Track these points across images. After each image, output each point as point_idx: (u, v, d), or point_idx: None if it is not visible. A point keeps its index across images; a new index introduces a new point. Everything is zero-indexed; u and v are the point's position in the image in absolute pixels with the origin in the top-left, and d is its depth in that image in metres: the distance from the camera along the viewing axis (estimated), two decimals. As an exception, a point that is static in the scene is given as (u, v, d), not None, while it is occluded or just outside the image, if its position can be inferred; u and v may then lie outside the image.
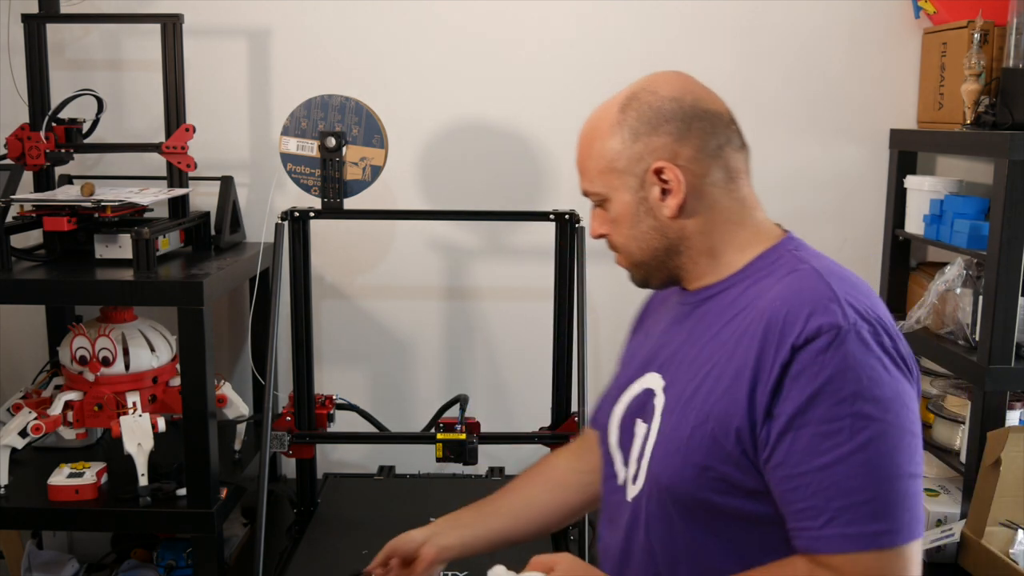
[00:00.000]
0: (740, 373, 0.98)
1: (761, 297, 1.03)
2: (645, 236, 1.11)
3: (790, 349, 0.95)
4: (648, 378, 1.14)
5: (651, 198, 1.08)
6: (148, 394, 1.92)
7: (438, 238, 2.35)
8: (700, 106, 1.08)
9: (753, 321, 1.00)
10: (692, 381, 1.05)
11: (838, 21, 2.26)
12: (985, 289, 1.86)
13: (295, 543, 1.91)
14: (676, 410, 1.05)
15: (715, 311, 1.08)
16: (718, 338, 1.05)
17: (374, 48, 2.28)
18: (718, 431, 0.99)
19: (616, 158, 1.09)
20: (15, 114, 2.16)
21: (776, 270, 1.05)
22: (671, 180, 1.06)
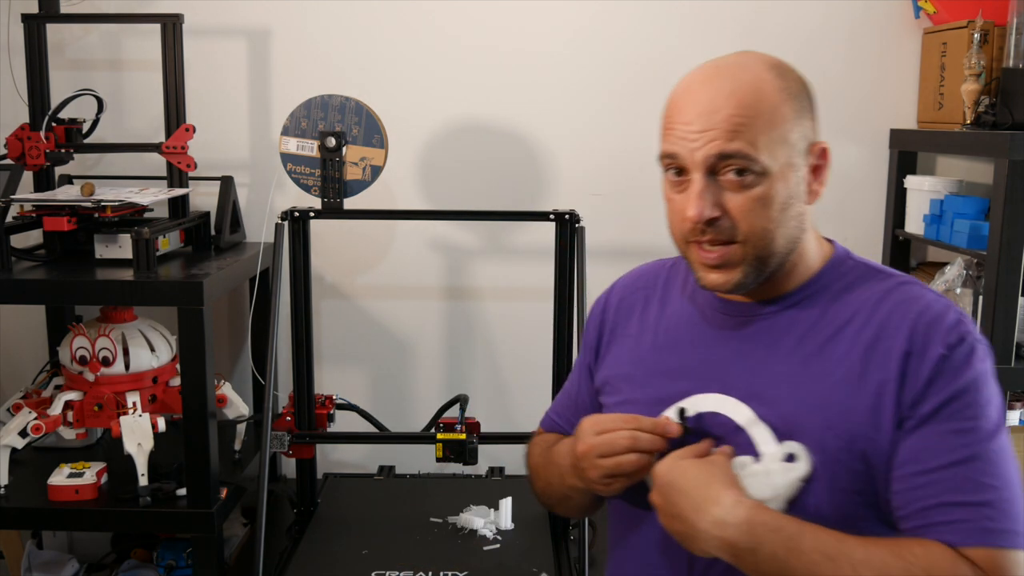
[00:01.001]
0: (883, 390, 0.95)
1: (865, 309, 0.99)
2: (791, 224, 0.99)
3: (937, 359, 0.94)
4: (702, 401, 1.04)
5: (805, 179, 1.00)
6: (148, 394, 1.92)
7: (438, 238, 2.35)
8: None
9: (878, 335, 0.97)
10: (806, 402, 0.98)
11: (838, 21, 2.26)
12: (985, 289, 1.86)
13: (295, 543, 1.91)
14: (796, 435, 0.97)
15: (798, 326, 1.02)
16: (828, 354, 0.99)
17: (374, 48, 2.28)
18: (870, 451, 0.95)
19: (789, 128, 0.98)
20: (15, 114, 2.16)
21: (859, 282, 1.02)
22: (824, 165, 1.01)
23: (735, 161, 0.95)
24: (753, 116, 0.96)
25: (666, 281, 1.18)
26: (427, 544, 1.87)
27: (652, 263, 1.24)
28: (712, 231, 0.98)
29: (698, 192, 0.97)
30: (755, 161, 0.95)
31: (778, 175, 0.97)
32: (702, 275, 1.02)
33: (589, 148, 2.31)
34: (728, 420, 1.01)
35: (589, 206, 2.16)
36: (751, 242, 0.98)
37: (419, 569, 1.76)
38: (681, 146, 0.98)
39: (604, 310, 1.21)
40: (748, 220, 0.97)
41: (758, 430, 0.99)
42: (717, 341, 1.06)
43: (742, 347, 1.04)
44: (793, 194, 0.99)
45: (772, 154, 0.96)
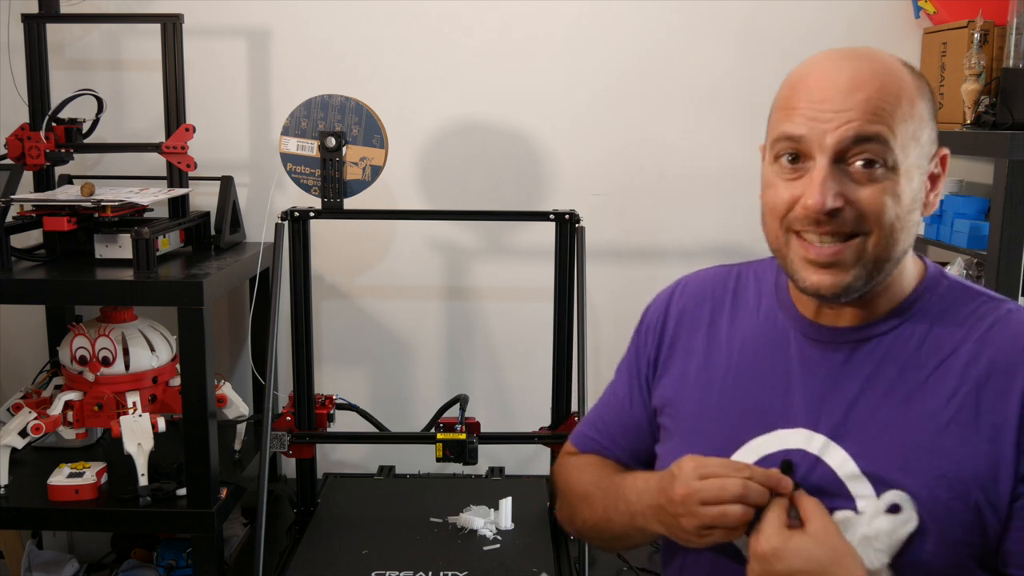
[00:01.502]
0: (1000, 435, 0.87)
1: (972, 339, 0.91)
2: (911, 230, 0.91)
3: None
4: (788, 437, 0.94)
5: (925, 186, 0.93)
6: (148, 394, 1.92)
7: (438, 238, 2.35)
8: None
9: (990, 372, 0.89)
10: (911, 445, 0.89)
11: (837, 21, 2.26)
12: (985, 289, 1.86)
13: (295, 543, 1.91)
14: (900, 481, 0.89)
15: (898, 355, 0.93)
16: (928, 390, 0.90)
17: (374, 48, 2.28)
18: (982, 499, 0.87)
19: (922, 127, 0.91)
20: (15, 114, 2.16)
21: (959, 304, 0.94)
22: (941, 176, 0.94)
23: (870, 148, 0.87)
24: (895, 104, 0.88)
25: (734, 293, 1.08)
26: (427, 544, 1.87)
27: (715, 269, 1.14)
28: (832, 223, 0.88)
29: (823, 179, 0.87)
30: (891, 151, 0.87)
31: (906, 173, 0.89)
32: (805, 275, 0.91)
33: (589, 148, 2.30)
34: (826, 468, 0.92)
35: (589, 206, 2.16)
36: (877, 237, 0.88)
37: (419, 569, 1.76)
38: (809, 127, 0.88)
39: (665, 317, 1.11)
40: (876, 213, 0.87)
41: (854, 478, 0.90)
42: (805, 370, 0.96)
43: (834, 378, 0.94)
44: (916, 198, 0.91)
45: (905, 149, 0.89)
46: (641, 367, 1.12)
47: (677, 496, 0.91)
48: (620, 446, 1.13)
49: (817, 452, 0.92)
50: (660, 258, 2.31)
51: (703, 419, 1.02)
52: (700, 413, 1.02)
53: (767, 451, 0.95)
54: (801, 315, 0.99)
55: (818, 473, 0.92)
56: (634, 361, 1.13)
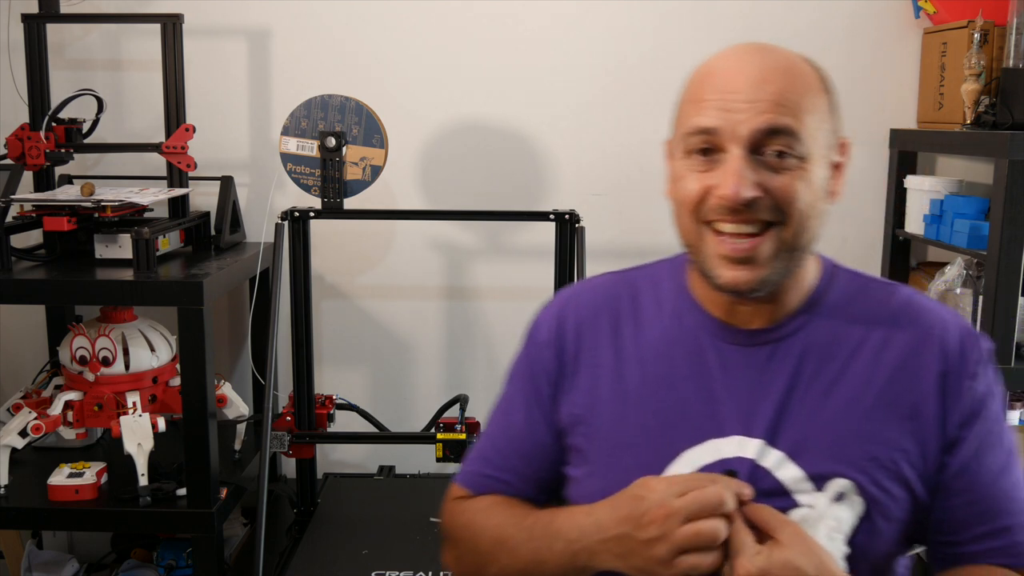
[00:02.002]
0: (919, 410, 0.92)
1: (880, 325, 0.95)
2: (821, 220, 0.92)
3: (973, 376, 0.93)
4: (724, 446, 0.93)
5: (830, 175, 0.94)
6: (148, 394, 1.92)
7: (438, 238, 2.35)
8: None
9: (905, 353, 0.93)
10: (841, 434, 0.91)
11: (838, 21, 2.26)
12: (985, 289, 1.86)
13: (295, 543, 1.91)
14: (838, 471, 0.91)
15: (814, 349, 0.94)
16: (848, 379, 0.93)
17: (374, 48, 2.28)
18: (912, 477, 0.92)
19: (825, 117, 0.93)
20: (15, 114, 2.16)
21: (860, 294, 0.98)
22: (843, 163, 0.96)
23: (781, 140, 0.87)
24: (802, 96, 0.89)
25: (633, 299, 1.04)
26: (427, 544, 1.87)
27: (602, 278, 1.10)
28: (747, 212, 0.87)
29: (738, 168, 0.87)
30: (801, 142, 0.88)
31: (814, 163, 0.90)
32: (721, 271, 0.90)
33: (589, 148, 2.30)
34: (764, 472, 0.91)
35: (589, 206, 2.16)
36: (791, 226, 0.88)
37: (419, 569, 1.76)
38: (723, 118, 0.88)
39: (561, 332, 1.05)
40: (790, 201, 0.87)
41: (794, 478, 0.90)
42: (727, 374, 0.95)
43: (759, 381, 0.94)
44: (824, 187, 0.92)
45: (813, 139, 0.90)
46: (540, 387, 1.05)
47: (656, 518, 0.84)
48: (524, 477, 1.05)
49: (754, 457, 0.91)
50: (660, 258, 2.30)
51: (624, 434, 0.97)
52: (619, 428, 0.97)
53: (703, 462, 0.92)
54: (714, 317, 0.97)
55: (758, 478, 0.90)
56: (529, 382, 1.06)
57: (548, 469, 1.06)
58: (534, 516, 0.99)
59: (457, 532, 1.07)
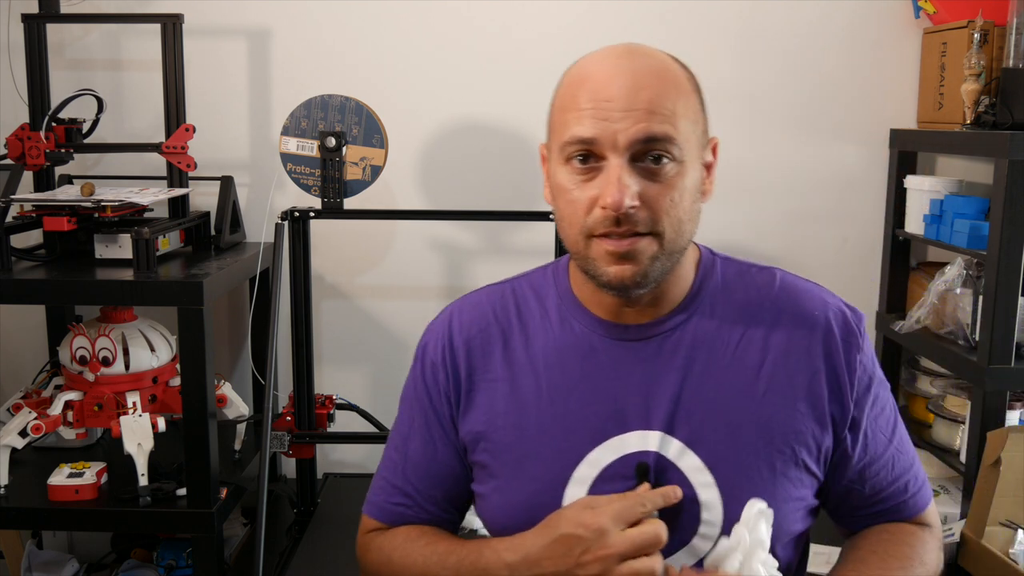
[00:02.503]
0: (811, 391, 0.96)
1: (762, 309, 0.98)
2: (695, 220, 0.94)
3: (861, 350, 0.98)
4: (627, 440, 0.93)
5: (703, 178, 0.95)
6: (148, 394, 1.92)
7: (438, 238, 2.35)
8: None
9: (789, 336, 0.96)
10: (736, 419, 0.93)
11: (838, 21, 2.26)
12: (985, 289, 1.86)
13: (295, 543, 1.92)
14: (733, 455, 0.93)
15: (703, 339, 0.96)
16: (737, 365, 0.95)
17: (374, 48, 2.28)
18: (806, 454, 0.96)
19: (697, 119, 0.93)
20: (15, 114, 2.16)
21: (736, 280, 1.00)
22: (713, 163, 0.97)
23: (658, 146, 0.87)
24: (675, 99, 0.89)
25: (518, 309, 1.04)
26: (427, 544, 1.86)
27: (485, 291, 1.10)
28: (627, 223, 0.88)
29: (619, 177, 0.87)
30: (677, 147, 0.88)
31: (689, 165, 0.91)
32: (606, 268, 0.90)
33: (589, 148, 2.30)
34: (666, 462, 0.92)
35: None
36: (666, 235, 0.89)
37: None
38: (600, 128, 0.88)
39: (451, 350, 1.04)
40: (665, 210, 0.88)
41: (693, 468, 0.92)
42: (621, 372, 0.95)
43: (651, 374, 0.94)
44: (698, 188, 0.94)
45: (688, 143, 0.90)
46: (439, 407, 1.04)
47: (595, 558, 0.85)
48: (435, 500, 1.04)
49: (656, 448, 0.93)
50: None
51: (525, 445, 0.97)
52: (520, 440, 0.97)
53: (608, 460, 0.93)
54: (600, 319, 0.98)
55: (664, 468, 0.93)
56: (427, 404, 1.05)
57: (457, 487, 1.06)
58: (457, 553, 0.97)
59: (377, 567, 1.04)
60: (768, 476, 0.93)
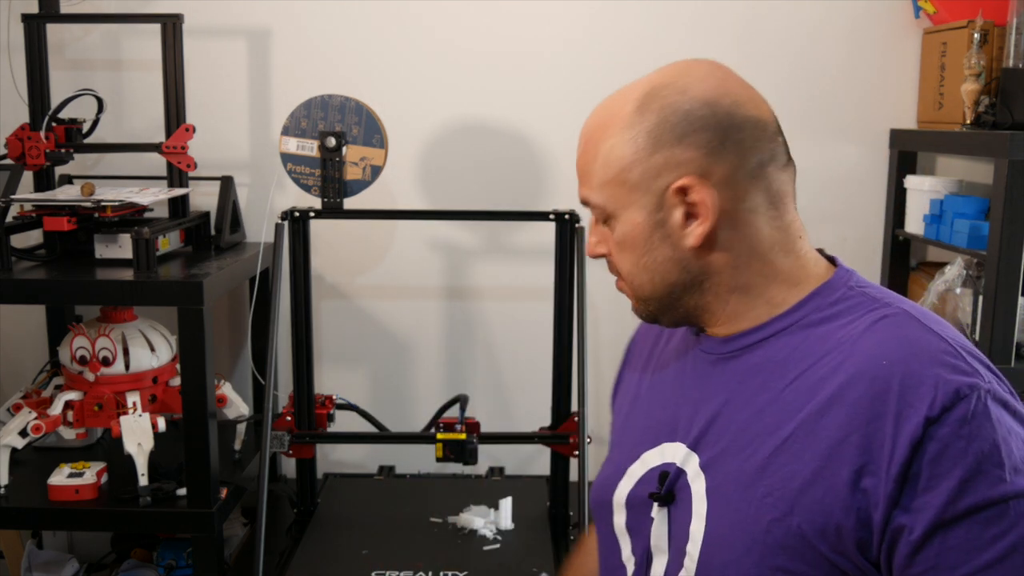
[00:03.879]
0: (835, 453, 0.78)
1: (839, 349, 0.82)
2: (659, 267, 0.89)
3: (923, 423, 0.74)
4: (667, 450, 0.93)
5: (671, 222, 0.87)
6: (148, 394, 1.92)
7: (438, 238, 2.35)
8: (740, 112, 0.87)
9: (842, 383, 0.79)
10: (752, 459, 0.83)
11: (838, 21, 2.26)
12: (985, 289, 1.86)
13: (295, 543, 1.91)
14: (733, 496, 0.84)
15: (766, 366, 0.87)
16: (781, 402, 0.83)
17: (374, 48, 2.28)
18: (808, 529, 0.78)
19: (628, 168, 0.87)
20: (15, 114, 2.16)
21: (846, 312, 0.85)
22: (698, 203, 0.85)
23: (591, 207, 0.93)
24: (591, 159, 0.91)
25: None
26: (427, 544, 1.87)
27: None
28: (609, 267, 0.96)
29: (590, 232, 0.97)
30: (598, 207, 0.92)
31: (625, 220, 0.89)
32: None
33: (589, 148, 2.30)
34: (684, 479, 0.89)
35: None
36: (627, 281, 0.94)
37: (419, 569, 1.76)
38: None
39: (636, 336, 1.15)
40: (619, 261, 0.93)
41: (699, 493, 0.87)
42: (688, 382, 0.95)
43: (706, 391, 0.91)
44: (652, 238, 0.88)
45: (612, 198, 0.89)
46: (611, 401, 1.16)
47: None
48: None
49: (680, 464, 0.91)
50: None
51: (621, 433, 1.05)
52: (622, 428, 1.05)
53: (652, 464, 0.95)
54: (702, 328, 0.96)
55: (679, 484, 0.90)
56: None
57: None
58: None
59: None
60: (753, 529, 0.81)
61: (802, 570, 0.79)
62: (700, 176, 0.85)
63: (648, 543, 0.93)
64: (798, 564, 0.79)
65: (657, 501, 0.91)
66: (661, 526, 0.91)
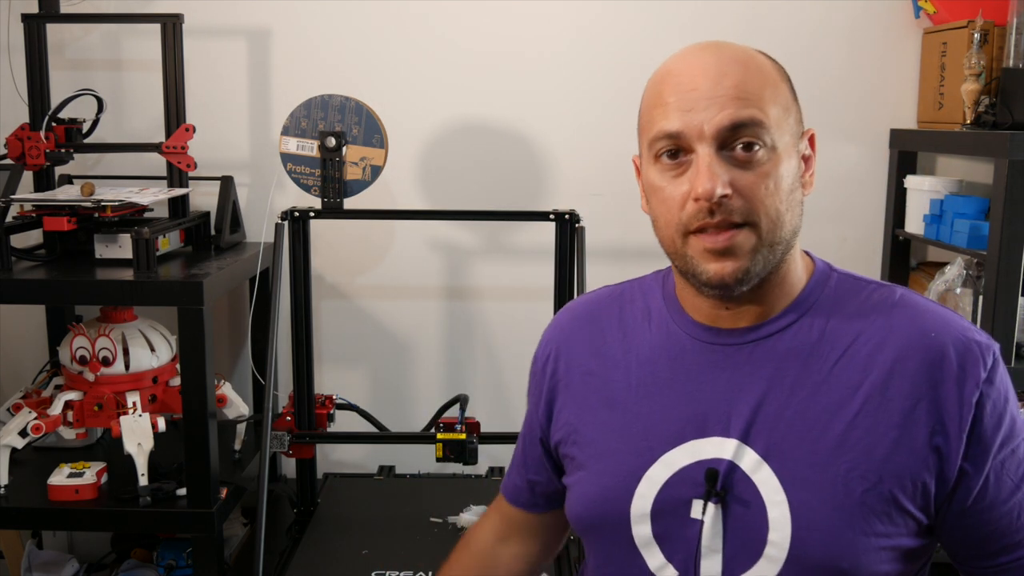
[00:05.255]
0: (909, 420, 0.86)
1: (872, 328, 0.90)
2: (797, 211, 0.90)
3: (981, 382, 0.86)
4: (703, 447, 0.91)
5: (801, 167, 0.92)
6: (148, 394, 1.92)
7: (438, 238, 2.35)
8: None
9: (895, 357, 0.87)
10: (822, 439, 0.87)
11: (838, 21, 2.26)
12: (985, 289, 1.86)
13: (295, 543, 1.91)
14: (814, 477, 0.87)
15: (800, 349, 0.91)
16: (834, 382, 0.88)
17: (374, 48, 2.28)
18: (899, 492, 0.86)
19: (789, 107, 0.91)
20: (15, 114, 2.16)
21: (850, 294, 0.93)
22: (813, 156, 0.94)
23: (747, 132, 0.86)
24: (761, 85, 0.88)
25: (620, 310, 1.05)
26: (427, 544, 1.87)
27: (598, 291, 1.11)
28: (721, 213, 0.86)
29: (708, 165, 0.85)
30: (768, 131, 0.87)
31: (784, 153, 0.88)
32: (707, 266, 0.88)
33: (589, 148, 2.30)
34: (740, 473, 0.89)
35: (589, 206, 2.16)
36: (763, 225, 0.87)
37: (419, 569, 1.76)
38: (685, 120, 0.87)
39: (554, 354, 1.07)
40: (760, 199, 0.86)
41: (766, 481, 0.88)
42: (709, 376, 0.93)
43: (738, 380, 0.91)
44: (796, 177, 0.90)
45: (780, 129, 0.88)
46: (537, 405, 1.09)
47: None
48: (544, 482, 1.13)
49: (731, 458, 0.90)
50: (660, 258, 2.29)
51: (608, 440, 0.98)
52: (604, 435, 0.98)
53: (682, 464, 0.92)
54: (697, 322, 0.96)
55: (736, 480, 0.89)
56: (531, 399, 1.11)
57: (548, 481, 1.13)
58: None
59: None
60: (845, 503, 0.85)
61: (891, 531, 0.86)
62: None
63: (692, 547, 0.90)
64: (888, 526, 0.86)
65: (709, 500, 0.89)
66: (715, 525, 0.89)
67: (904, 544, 0.88)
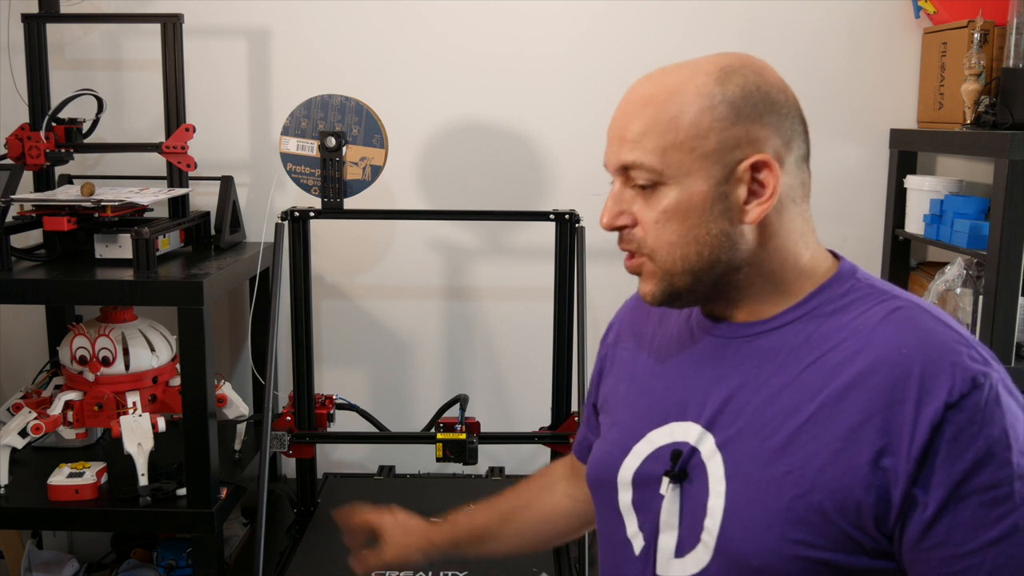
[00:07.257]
0: (856, 434, 0.82)
1: (854, 337, 0.86)
2: (710, 241, 0.89)
3: (943, 408, 0.79)
4: (677, 429, 0.95)
5: (734, 197, 0.88)
6: (148, 394, 1.92)
7: (438, 238, 2.35)
8: (799, 105, 0.93)
9: (861, 370, 0.84)
10: (771, 438, 0.87)
11: (838, 21, 2.26)
12: (985, 289, 1.86)
13: (295, 543, 1.91)
14: (753, 474, 0.87)
15: (781, 350, 0.90)
16: (799, 385, 0.87)
17: (374, 48, 2.28)
18: (829, 505, 0.82)
19: (702, 135, 0.87)
20: (15, 114, 2.16)
21: (856, 303, 0.90)
22: (765, 182, 0.88)
23: (635, 172, 0.90)
24: (651, 127, 0.89)
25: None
26: (427, 544, 1.86)
27: None
28: (623, 241, 0.94)
29: (609, 197, 0.93)
30: (648, 169, 0.88)
31: (685, 188, 0.88)
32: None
33: (589, 148, 2.30)
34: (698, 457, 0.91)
35: (589, 206, 2.16)
36: (658, 256, 0.90)
37: (419, 569, 1.75)
38: (606, 153, 0.95)
39: (610, 330, 1.18)
40: (654, 232, 0.90)
41: (716, 470, 0.90)
42: (700, 364, 0.97)
43: (721, 372, 0.94)
44: (712, 210, 0.88)
45: (672, 163, 0.88)
46: (595, 376, 1.17)
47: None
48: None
49: (694, 443, 0.93)
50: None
51: (620, 412, 1.05)
52: (620, 407, 1.06)
53: (661, 443, 0.96)
54: (704, 314, 0.99)
55: (692, 463, 0.92)
56: (594, 374, 1.19)
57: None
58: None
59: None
60: (772, 505, 0.85)
61: (820, 543, 0.83)
62: (773, 156, 0.88)
63: (657, 519, 0.94)
64: (816, 537, 0.83)
65: (670, 479, 0.92)
66: (673, 503, 0.93)
67: (840, 561, 0.84)
